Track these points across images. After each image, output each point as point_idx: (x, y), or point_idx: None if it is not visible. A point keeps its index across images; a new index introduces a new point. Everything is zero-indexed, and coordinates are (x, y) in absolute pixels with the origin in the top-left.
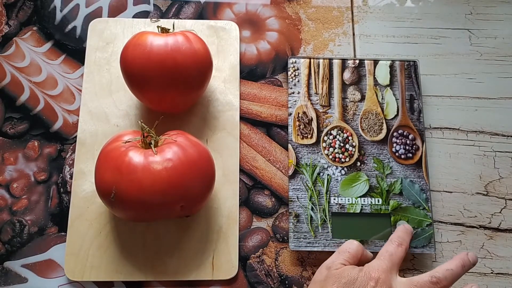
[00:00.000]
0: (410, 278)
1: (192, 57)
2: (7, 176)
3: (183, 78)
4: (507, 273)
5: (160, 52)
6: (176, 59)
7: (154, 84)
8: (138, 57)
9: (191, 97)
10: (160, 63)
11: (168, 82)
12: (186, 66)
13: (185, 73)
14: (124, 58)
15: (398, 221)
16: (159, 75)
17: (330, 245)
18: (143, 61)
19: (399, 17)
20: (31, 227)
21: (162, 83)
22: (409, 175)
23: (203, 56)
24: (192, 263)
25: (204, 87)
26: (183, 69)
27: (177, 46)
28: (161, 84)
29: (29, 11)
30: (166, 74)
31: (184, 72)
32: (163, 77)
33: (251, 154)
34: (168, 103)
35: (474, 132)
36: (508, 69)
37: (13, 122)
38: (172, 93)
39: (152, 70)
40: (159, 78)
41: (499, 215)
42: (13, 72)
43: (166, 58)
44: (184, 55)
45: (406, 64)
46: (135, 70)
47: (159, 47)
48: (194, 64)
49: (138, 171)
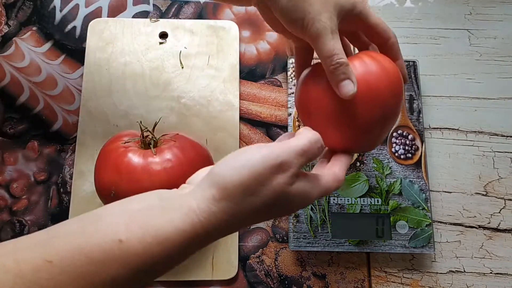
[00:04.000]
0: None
1: (387, 81)
2: (7, 176)
3: (381, 106)
4: (506, 273)
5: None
6: (371, 86)
7: (349, 117)
8: (325, 88)
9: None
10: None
11: (366, 112)
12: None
13: (382, 100)
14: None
15: (397, 221)
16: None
17: (329, 245)
18: (332, 94)
19: (398, 17)
20: (31, 227)
21: (360, 115)
22: (409, 175)
23: (395, 78)
24: (191, 263)
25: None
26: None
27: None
28: (358, 116)
29: (28, 11)
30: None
31: (381, 99)
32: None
33: None
34: (365, 141)
35: (474, 133)
36: (507, 69)
37: (13, 122)
38: (370, 128)
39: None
40: (356, 110)
41: (498, 215)
42: (13, 72)
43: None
44: (379, 82)
45: (406, 64)
46: (322, 102)
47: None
48: (389, 86)
49: (137, 171)
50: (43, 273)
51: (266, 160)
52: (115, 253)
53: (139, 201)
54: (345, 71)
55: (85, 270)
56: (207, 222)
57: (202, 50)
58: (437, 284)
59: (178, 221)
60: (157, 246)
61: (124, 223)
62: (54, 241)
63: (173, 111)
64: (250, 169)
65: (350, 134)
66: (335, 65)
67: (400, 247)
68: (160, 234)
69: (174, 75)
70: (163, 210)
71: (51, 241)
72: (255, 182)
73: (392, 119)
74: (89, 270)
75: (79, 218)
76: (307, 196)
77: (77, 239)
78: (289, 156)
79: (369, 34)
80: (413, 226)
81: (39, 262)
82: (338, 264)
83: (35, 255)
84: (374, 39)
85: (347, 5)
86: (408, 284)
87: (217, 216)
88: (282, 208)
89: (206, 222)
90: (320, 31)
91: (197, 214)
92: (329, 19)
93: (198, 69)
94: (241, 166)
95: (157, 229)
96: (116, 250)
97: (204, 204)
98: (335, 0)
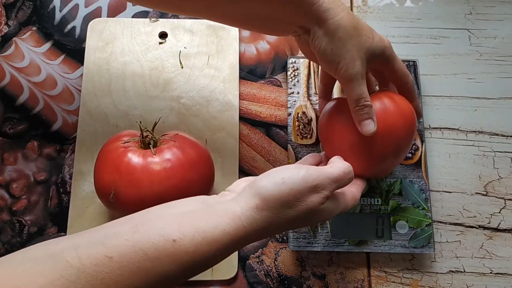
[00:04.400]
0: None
1: (403, 121)
2: (7, 176)
3: (396, 144)
4: (506, 273)
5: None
6: (388, 125)
7: (367, 152)
8: (347, 124)
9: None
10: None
11: (383, 149)
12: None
13: (398, 138)
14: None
15: (397, 221)
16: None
17: (329, 245)
18: (353, 130)
19: (398, 17)
20: (31, 227)
21: (377, 151)
22: (409, 175)
23: (411, 117)
24: None
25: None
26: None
27: (387, 111)
28: (375, 152)
29: (28, 11)
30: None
31: (396, 137)
32: (377, 145)
33: (250, 154)
34: (379, 170)
35: (474, 132)
36: (507, 69)
37: (13, 122)
38: (384, 160)
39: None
40: (374, 146)
41: (499, 215)
42: (13, 72)
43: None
44: (395, 121)
45: (406, 64)
46: (344, 138)
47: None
48: (404, 126)
49: (137, 171)
50: (103, 267)
51: (305, 181)
52: (169, 251)
53: (185, 205)
54: (368, 111)
55: (142, 265)
56: (249, 228)
57: (201, 50)
58: (437, 284)
59: (225, 225)
60: (206, 246)
61: (176, 224)
62: (113, 239)
63: (173, 111)
64: (291, 186)
65: (367, 163)
66: (361, 106)
67: (400, 247)
68: (209, 235)
69: (174, 75)
70: (209, 214)
71: (109, 239)
72: (293, 198)
73: (404, 151)
74: (146, 265)
75: (129, 219)
76: (331, 212)
77: (133, 238)
78: (324, 180)
79: (391, 76)
80: (413, 226)
81: (100, 258)
82: (338, 264)
83: (95, 251)
84: (395, 81)
85: (378, 51)
86: (408, 284)
87: (258, 223)
88: (310, 220)
89: (248, 227)
90: (352, 76)
91: (242, 220)
92: (361, 66)
93: (197, 69)
94: (283, 183)
95: (206, 230)
96: (170, 248)
97: (248, 212)
98: (368, 46)
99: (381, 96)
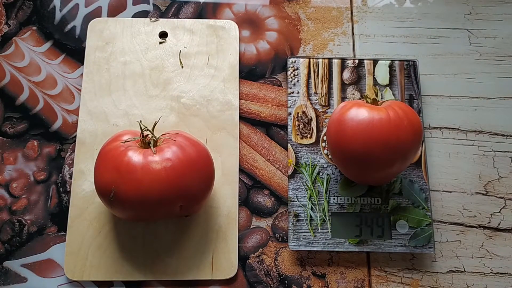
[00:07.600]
0: None
1: (412, 132)
2: (7, 175)
3: (404, 154)
4: (507, 273)
5: (382, 129)
6: (399, 136)
7: (377, 162)
8: (360, 133)
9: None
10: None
11: (391, 159)
12: (407, 142)
13: (406, 149)
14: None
15: (397, 221)
16: (384, 153)
17: (329, 245)
18: (365, 139)
19: (398, 17)
20: (31, 226)
21: (385, 161)
22: (409, 174)
23: (419, 128)
24: (191, 263)
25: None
26: (405, 145)
27: (398, 122)
28: (383, 162)
29: (28, 10)
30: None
31: (405, 148)
32: (387, 155)
33: (250, 153)
34: (382, 178)
35: (474, 132)
36: (507, 69)
37: (13, 122)
38: (391, 169)
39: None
40: (383, 156)
41: (499, 215)
42: (13, 71)
43: (390, 135)
44: (406, 132)
45: (406, 64)
46: (356, 147)
47: (381, 123)
48: (413, 138)
49: (137, 170)
50: None
51: None
52: None
53: None
54: None
55: None
56: None
57: (202, 50)
58: (437, 283)
59: None
60: None
61: None
62: None
63: (173, 111)
64: None
65: (374, 171)
66: None
67: (400, 246)
68: None
69: (174, 75)
70: None
71: None
72: None
73: (411, 160)
74: None
75: None
76: None
77: None
78: None
79: None
80: (413, 226)
81: None
82: (338, 264)
83: None
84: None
85: None
86: (408, 284)
87: None
88: None
89: None
90: None
91: None
92: None
93: (198, 68)
94: None
95: None
96: None
97: None
98: None
99: (390, 105)
